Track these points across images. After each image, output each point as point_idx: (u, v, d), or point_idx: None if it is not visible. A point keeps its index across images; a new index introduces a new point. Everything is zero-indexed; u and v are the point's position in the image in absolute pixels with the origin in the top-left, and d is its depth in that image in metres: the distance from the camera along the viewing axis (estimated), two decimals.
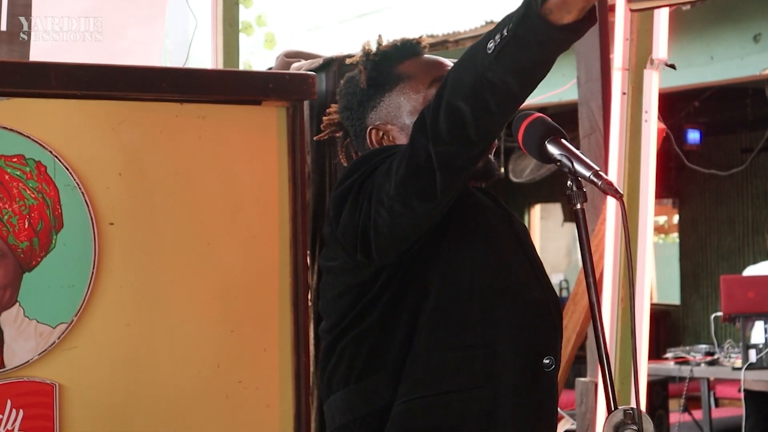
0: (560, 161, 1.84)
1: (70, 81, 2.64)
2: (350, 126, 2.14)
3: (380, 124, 2.07)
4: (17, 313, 2.57)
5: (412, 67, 2.07)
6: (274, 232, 2.81)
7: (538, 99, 7.84)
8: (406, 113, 2.04)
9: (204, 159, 2.76)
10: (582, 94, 4.53)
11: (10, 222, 2.57)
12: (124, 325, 2.66)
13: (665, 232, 14.66)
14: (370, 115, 2.09)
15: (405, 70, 2.07)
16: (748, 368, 6.52)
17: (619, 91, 3.96)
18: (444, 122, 1.77)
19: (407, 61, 2.08)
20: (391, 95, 2.06)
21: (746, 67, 7.48)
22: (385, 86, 2.07)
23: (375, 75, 2.09)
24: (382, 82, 2.08)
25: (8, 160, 2.58)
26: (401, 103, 2.05)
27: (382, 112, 2.07)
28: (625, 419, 1.71)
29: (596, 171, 1.77)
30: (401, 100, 2.05)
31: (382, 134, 2.07)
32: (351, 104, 2.12)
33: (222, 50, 4.66)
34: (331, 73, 3.00)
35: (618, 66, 3.98)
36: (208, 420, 2.72)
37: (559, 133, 1.89)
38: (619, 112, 3.95)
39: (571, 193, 1.80)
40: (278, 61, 3.35)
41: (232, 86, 2.81)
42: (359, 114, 2.11)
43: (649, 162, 3.89)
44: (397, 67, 2.08)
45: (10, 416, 2.55)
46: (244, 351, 2.77)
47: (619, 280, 3.90)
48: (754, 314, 6.73)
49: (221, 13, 4.69)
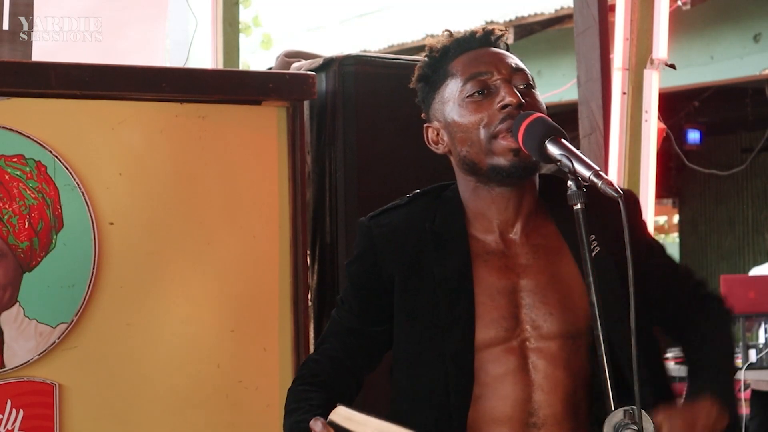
0: (560, 161, 1.83)
1: (70, 81, 2.64)
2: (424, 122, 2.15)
3: (432, 122, 2.08)
4: (17, 313, 2.57)
5: (459, 63, 2.04)
6: (274, 232, 2.81)
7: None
8: (448, 110, 2.03)
9: (204, 159, 2.76)
10: (582, 94, 4.53)
11: (10, 222, 2.57)
12: (124, 325, 2.66)
13: (665, 232, 14.66)
14: (429, 113, 2.09)
15: (452, 66, 2.04)
16: (748, 368, 6.52)
17: (619, 91, 3.97)
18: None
19: (459, 57, 2.05)
20: (439, 93, 2.05)
21: (746, 67, 7.49)
22: (435, 84, 2.06)
23: (429, 72, 2.08)
24: (435, 80, 2.07)
25: (8, 160, 2.58)
26: (444, 101, 2.04)
27: (434, 109, 2.07)
28: (625, 419, 1.71)
29: (596, 171, 1.77)
30: (444, 98, 2.04)
31: (435, 133, 2.08)
32: (419, 101, 2.13)
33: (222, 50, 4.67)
34: (331, 73, 2.99)
35: (618, 66, 3.98)
36: (208, 420, 2.72)
37: (559, 133, 1.88)
38: (619, 112, 3.96)
39: (571, 193, 1.79)
40: (278, 61, 3.35)
41: (232, 86, 2.81)
42: (425, 111, 2.12)
43: (649, 162, 3.89)
44: (449, 64, 2.05)
45: (10, 416, 2.55)
46: (244, 351, 2.77)
47: None
48: (754, 314, 6.74)
49: (221, 13, 4.70)
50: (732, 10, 7.49)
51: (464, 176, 2.04)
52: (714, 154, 11.42)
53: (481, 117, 1.97)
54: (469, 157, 2.00)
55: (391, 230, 2.05)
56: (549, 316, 1.99)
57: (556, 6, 7.72)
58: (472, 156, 1.99)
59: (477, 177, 2.01)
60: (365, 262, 2.07)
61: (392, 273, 2.03)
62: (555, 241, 2.03)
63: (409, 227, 2.05)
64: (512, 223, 2.03)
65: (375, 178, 2.97)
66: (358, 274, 2.09)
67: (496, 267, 2.01)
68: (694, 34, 7.45)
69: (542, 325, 1.99)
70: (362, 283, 2.08)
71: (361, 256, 2.09)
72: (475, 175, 2.01)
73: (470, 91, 1.99)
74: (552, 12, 7.79)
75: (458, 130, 2.01)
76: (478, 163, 1.99)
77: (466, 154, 2.00)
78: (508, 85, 1.98)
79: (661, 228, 14.42)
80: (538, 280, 2.01)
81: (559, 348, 1.98)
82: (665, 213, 13.87)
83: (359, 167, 2.96)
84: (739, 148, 11.45)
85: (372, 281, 2.06)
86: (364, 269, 2.07)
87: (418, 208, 2.08)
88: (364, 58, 3.04)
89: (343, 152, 2.95)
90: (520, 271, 2.01)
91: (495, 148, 1.96)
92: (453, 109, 2.02)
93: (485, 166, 1.98)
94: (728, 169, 10.79)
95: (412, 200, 2.10)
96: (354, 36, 9.85)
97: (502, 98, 1.96)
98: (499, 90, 1.98)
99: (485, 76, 2.00)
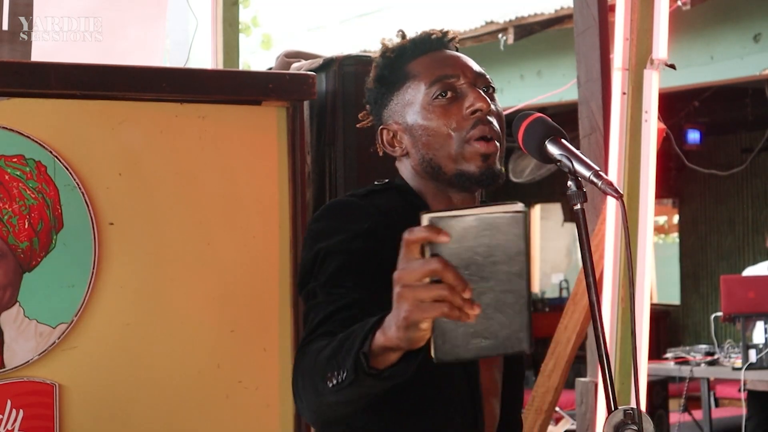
0: (560, 161, 1.83)
1: (70, 81, 2.64)
2: (375, 122, 2.13)
3: (389, 123, 2.06)
4: (17, 313, 2.57)
5: (420, 64, 2.02)
6: (274, 232, 2.81)
7: (538, 99, 7.85)
8: (409, 113, 2.01)
9: (204, 159, 2.76)
10: (582, 94, 4.53)
11: (10, 222, 2.57)
12: (124, 325, 2.66)
13: (665, 232, 14.67)
14: (383, 114, 2.07)
15: (413, 68, 2.02)
16: (748, 368, 6.53)
17: (619, 91, 3.96)
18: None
19: (419, 58, 2.04)
20: (398, 94, 2.03)
21: (746, 67, 7.49)
22: (394, 84, 2.04)
23: (386, 73, 2.06)
24: (392, 81, 2.04)
25: (8, 160, 2.58)
26: (405, 102, 2.02)
27: (390, 111, 2.04)
28: (625, 419, 1.71)
29: (596, 171, 1.77)
30: (405, 99, 2.02)
31: (391, 134, 2.05)
32: (369, 101, 2.11)
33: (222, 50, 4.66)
34: (331, 73, 2.99)
35: (618, 66, 3.98)
36: (208, 420, 2.72)
37: (559, 133, 1.88)
38: (619, 112, 3.95)
39: (571, 193, 1.79)
40: (278, 61, 3.35)
41: (232, 86, 2.81)
42: (376, 112, 2.09)
43: (649, 162, 3.88)
44: (407, 65, 2.04)
45: (10, 416, 2.55)
46: (244, 351, 2.77)
47: (619, 280, 3.89)
48: (754, 314, 6.74)
49: (221, 13, 4.70)
50: (732, 10, 7.49)
51: (421, 181, 2.02)
52: (714, 154, 11.42)
53: (449, 121, 1.96)
54: (435, 161, 1.98)
55: (385, 212, 1.95)
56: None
57: (556, 6, 7.72)
58: (438, 160, 1.97)
59: (436, 183, 2.00)
60: (369, 240, 1.89)
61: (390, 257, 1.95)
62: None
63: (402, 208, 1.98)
64: None
65: (375, 178, 2.96)
66: (359, 252, 1.88)
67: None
68: (694, 34, 7.45)
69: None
70: (364, 262, 1.87)
71: (363, 234, 1.90)
72: (435, 180, 2.00)
73: (436, 93, 1.98)
74: (552, 12, 7.78)
75: (423, 133, 1.99)
76: (443, 167, 1.97)
77: (432, 158, 1.98)
78: (475, 89, 1.98)
79: (661, 228, 14.43)
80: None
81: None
82: (665, 213, 13.87)
83: (359, 167, 2.96)
84: (739, 148, 11.45)
85: (371, 263, 1.85)
86: (368, 247, 1.88)
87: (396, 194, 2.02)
88: (364, 58, 3.04)
89: (343, 152, 2.95)
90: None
91: (466, 152, 1.95)
92: (416, 112, 2.00)
93: (451, 171, 1.97)
94: (728, 169, 10.79)
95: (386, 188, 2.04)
96: (354, 36, 9.85)
97: (472, 103, 1.96)
98: (466, 94, 1.97)
99: (452, 79, 1.99)
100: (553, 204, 13.52)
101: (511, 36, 8.03)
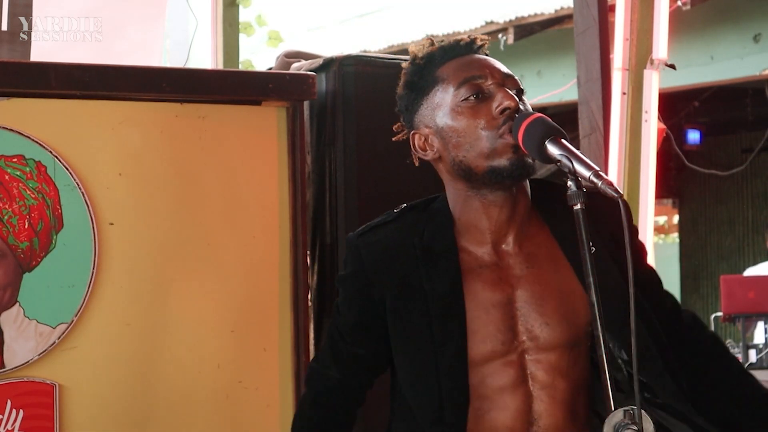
0: (560, 161, 1.83)
1: (70, 81, 2.64)
2: (407, 129, 2.13)
3: (420, 128, 2.06)
4: (17, 313, 2.57)
5: (448, 69, 2.02)
6: (274, 232, 2.81)
7: (538, 99, 7.85)
8: (438, 116, 2.01)
9: (204, 159, 2.76)
10: (582, 94, 4.53)
11: (10, 222, 2.57)
12: (124, 325, 2.66)
13: (665, 232, 14.67)
14: (415, 120, 2.07)
15: (442, 72, 2.03)
16: (748, 368, 6.52)
17: (619, 91, 3.97)
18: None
19: (447, 63, 2.04)
20: (428, 99, 2.03)
21: (746, 67, 7.49)
22: (424, 89, 2.04)
23: (416, 79, 2.06)
24: (422, 86, 2.05)
25: (8, 160, 2.58)
26: (435, 106, 2.02)
27: (421, 115, 2.05)
28: (625, 419, 1.71)
29: (596, 171, 1.77)
30: (435, 103, 2.02)
31: (423, 139, 2.05)
32: (401, 109, 2.11)
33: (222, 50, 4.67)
34: (331, 73, 2.99)
35: (618, 66, 3.98)
36: (208, 420, 2.72)
37: (559, 133, 1.88)
38: (619, 112, 3.96)
39: (571, 193, 1.79)
40: (278, 61, 3.35)
41: (232, 86, 2.81)
42: (408, 118, 2.10)
43: (649, 162, 3.89)
44: (437, 70, 2.04)
45: (10, 416, 2.55)
46: (244, 351, 2.77)
47: None
48: (754, 314, 6.74)
49: (221, 13, 4.71)
50: (732, 10, 7.49)
51: (455, 184, 2.02)
52: (714, 154, 11.42)
53: (478, 121, 1.96)
54: (465, 162, 1.97)
55: (380, 249, 2.04)
56: (546, 327, 1.98)
57: (556, 6, 7.72)
58: (468, 160, 1.97)
59: (470, 183, 1.99)
60: (357, 282, 2.06)
61: (383, 293, 2.02)
62: (550, 249, 2.02)
63: (398, 244, 2.03)
64: (505, 232, 2.01)
65: (375, 178, 2.97)
66: (351, 290, 2.08)
67: (489, 280, 2.00)
68: (694, 34, 7.45)
69: (539, 335, 1.98)
70: (356, 299, 2.07)
71: (352, 276, 2.07)
72: (468, 181, 1.99)
73: (465, 95, 1.98)
74: (552, 12, 7.79)
75: (454, 134, 1.99)
76: (474, 168, 1.97)
77: (462, 158, 1.98)
78: (503, 89, 1.98)
79: (661, 228, 14.42)
80: (533, 290, 2.00)
81: (558, 357, 1.99)
82: (665, 213, 13.87)
83: (359, 167, 2.96)
84: (739, 148, 11.45)
85: (365, 300, 2.05)
86: (356, 288, 2.07)
87: (406, 223, 2.05)
88: (364, 58, 3.04)
89: (343, 152, 2.95)
90: (514, 282, 2.00)
91: (498, 146, 1.94)
92: (446, 114, 2.00)
93: (482, 169, 1.96)
94: (728, 169, 10.79)
95: (399, 215, 2.08)
96: (354, 36, 9.85)
97: (500, 102, 1.95)
98: (494, 94, 1.97)
99: (479, 80, 1.99)
100: None
101: (511, 36, 8.03)
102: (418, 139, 2.06)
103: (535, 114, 1.92)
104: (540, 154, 1.88)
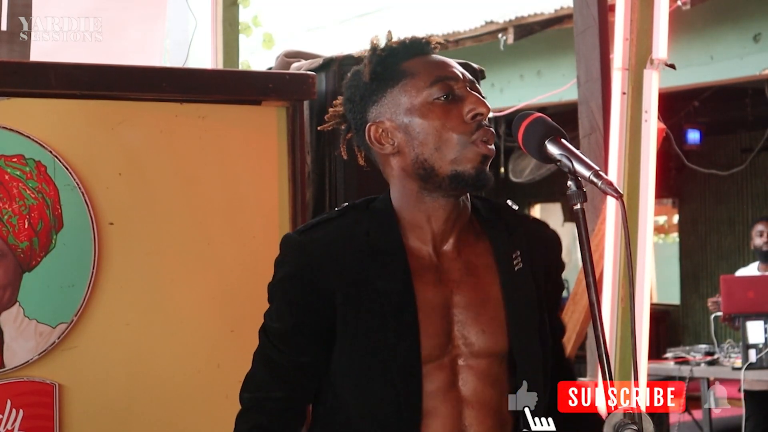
0: (560, 161, 1.83)
1: (70, 81, 2.64)
2: (352, 119, 2.11)
3: (380, 120, 2.05)
4: (17, 313, 2.57)
5: (417, 65, 2.03)
6: (274, 232, 2.81)
7: (538, 99, 7.85)
8: (405, 111, 2.01)
9: (204, 159, 2.76)
10: (582, 94, 4.54)
11: (10, 222, 2.57)
12: (124, 325, 2.66)
13: (665, 232, 14.66)
14: (371, 110, 2.06)
15: (409, 67, 2.03)
16: (747, 368, 6.53)
17: (619, 91, 3.97)
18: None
19: (413, 59, 2.04)
20: (393, 91, 2.03)
21: (746, 67, 7.49)
22: (388, 82, 2.03)
23: (380, 69, 2.06)
24: (386, 78, 2.04)
25: (8, 160, 2.58)
26: (401, 100, 2.02)
27: (382, 107, 2.04)
28: (625, 419, 1.71)
29: (596, 171, 1.77)
30: (402, 97, 2.02)
31: (381, 131, 2.04)
32: (354, 97, 2.09)
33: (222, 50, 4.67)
34: (331, 73, 3.00)
35: (618, 66, 3.98)
36: (208, 420, 2.72)
37: (559, 133, 1.88)
38: (619, 112, 3.95)
39: (571, 193, 1.79)
40: (278, 61, 3.36)
41: (232, 86, 2.81)
42: (361, 107, 2.08)
43: (649, 162, 3.89)
44: (402, 64, 2.03)
45: (10, 416, 2.55)
46: (244, 351, 2.76)
47: (619, 280, 3.90)
48: (754, 314, 6.74)
49: (221, 13, 4.71)
50: (732, 10, 7.50)
51: (407, 182, 2.02)
52: (714, 154, 11.42)
53: (448, 122, 1.96)
54: (429, 162, 1.97)
55: (326, 243, 1.99)
56: (482, 334, 1.98)
57: (556, 6, 7.72)
58: (433, 160, 1.97)
59: (424, 184, 1.99)
60: (301, 279, 1.99)
61: (333, 289, 1.97)
62: (486, 259, 2.03)
63: (345, 240, 2.00)
64: (447, 236, 2.01)
65: (375, 178, 2.96)
66: (295, 293, 2.00)
67: (431, 281, 1.99)
68: (694, 34, 7.46)
69: (474, 342, 1.98)
70: (300, 302, 1.99)
71: (294, 274, 2.00)
72: (424, 181, 1.99)
73: (437, 94, 1.98)
74: (552, 12, 7.79)
75: (421, 132, 1.98)
76: (437, 169, 1.96)
77: (427, 157, 1.97)
78: (474, 94, 1.99)
79: (661, 228, 14.42)
80: (470, 297, 2.00)
81: (488, 365, 1.99)
82: (665, 213, 13.87)
83: (359, 167, 2.95)
84: (739, 148, 11.45)
85: (311, 297, 1.98)
86: (299, 286, 1.99)
87: (349, 221, 2.03)
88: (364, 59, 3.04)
89: None
90: (453, 286, 2.00)
91: (469, 154, 1.95)
92: (414, 110, 2.00)
93: (445, 172, 1.96)
94: (728, 169, 10.79)
95: (342, 213, 2.06)
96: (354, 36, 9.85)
97: (474, 107, 1.96)
98: (465, 98, 1.98)
99: (451, 81, 1.99)
100: (553, 204, 13.52)
101: (511, 36, 8.03)
102: (374, 131, 2.04)
103: (535, 114, 1.93)
104: (540, 154, 1.88)
